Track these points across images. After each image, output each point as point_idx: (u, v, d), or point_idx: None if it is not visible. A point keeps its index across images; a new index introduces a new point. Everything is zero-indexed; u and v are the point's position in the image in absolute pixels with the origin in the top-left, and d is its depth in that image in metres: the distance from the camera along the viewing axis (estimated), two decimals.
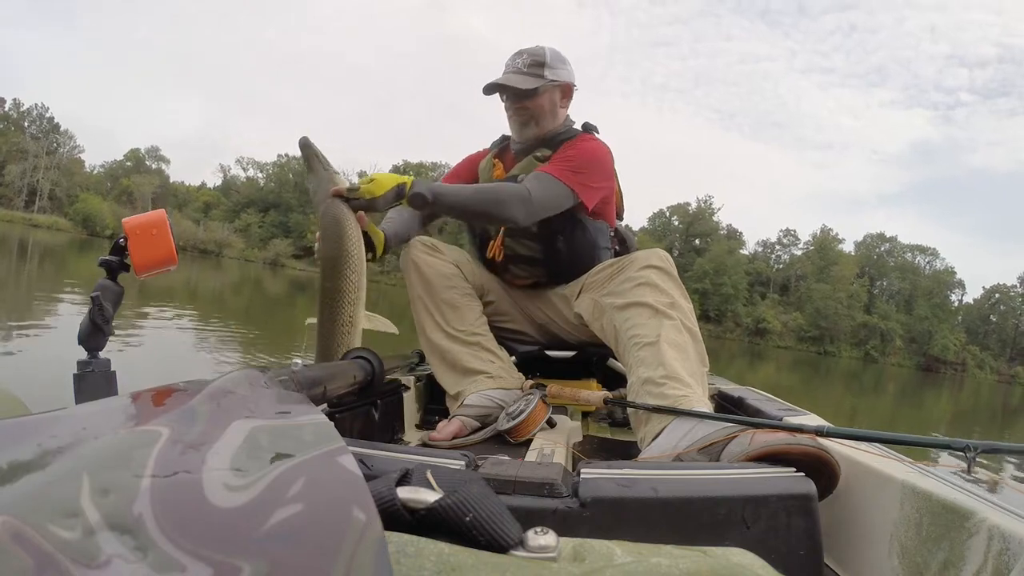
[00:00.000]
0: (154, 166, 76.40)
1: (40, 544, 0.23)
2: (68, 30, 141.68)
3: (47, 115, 73.06)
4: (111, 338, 1.21)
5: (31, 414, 0.42)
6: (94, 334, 1.21)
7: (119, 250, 1.25)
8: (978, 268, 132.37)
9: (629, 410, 1.53)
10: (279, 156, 76.41)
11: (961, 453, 0.92)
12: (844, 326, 69.76)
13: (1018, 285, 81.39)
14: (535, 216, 1.78)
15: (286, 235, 67.91)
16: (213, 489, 0.30)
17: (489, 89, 1.93)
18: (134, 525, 0.26)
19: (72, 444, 0.34)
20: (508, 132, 2.07)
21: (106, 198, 65.28)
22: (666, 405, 1.36)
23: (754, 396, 1.80)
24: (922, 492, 0.95)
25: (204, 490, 0.30)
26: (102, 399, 0.46)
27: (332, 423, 0.46)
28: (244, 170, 78.11)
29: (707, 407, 1.38)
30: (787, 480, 0.95)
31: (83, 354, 1.17)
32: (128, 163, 76.02)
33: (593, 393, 1.78)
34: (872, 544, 1.06)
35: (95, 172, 78.13)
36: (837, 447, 1.15)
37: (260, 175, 76.74)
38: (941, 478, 0.99)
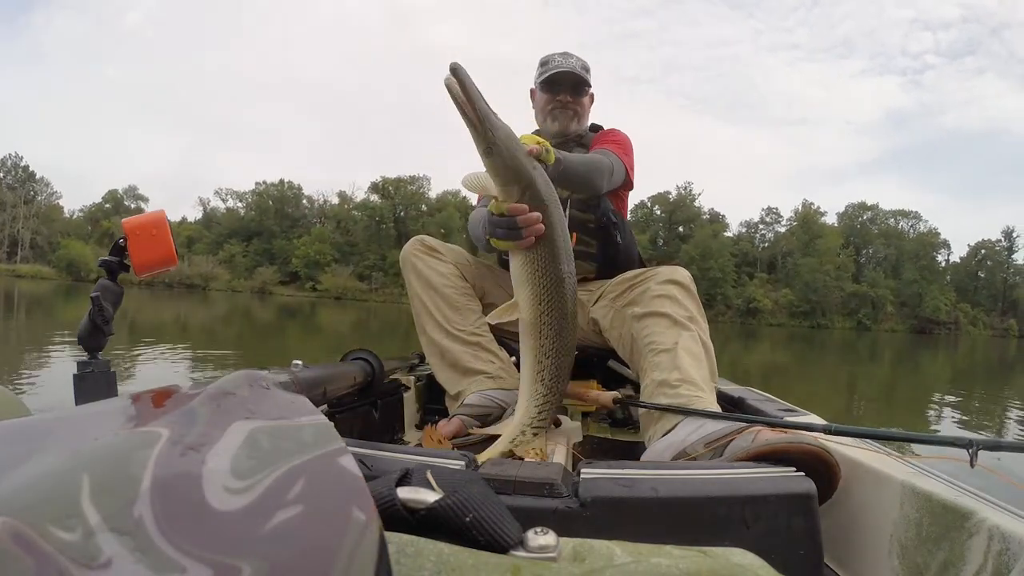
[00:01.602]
0: (133, 206, 75.57)
1: (40, 545, 0.24)
2: (37, 76, 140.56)
3: (22, 164, 73.09)
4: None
5: (31, 415, 0.41)
6: (94, 334, 1.20)
7: (119, 250, 1.24)
8: (961, 226, 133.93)
9: (640, 410, 1.54)
10: (257, 184, 76.53)
11: (964, 449, 0.92)
12: (834, 297, 69.98)
13: (1003, 239, 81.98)
14: (610, 187, 1.92)
15: (271, 262, 67.73)
16: (213, 491, 0.31)
17: (554, 79, 2.07)
18: (134, 526, 0.26)
19: (72, 445, 0.34)
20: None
21: (88, 242, 64.79)
22: (677, 404, 1.39)
23: (754, 396, 1.80)
24: (922, 492, 0.95)
25: (204, 492, 0.30)
26: (102, 400, 0.46)
27: (332, 424, 0.46)
28: (223, 201, 77.96)
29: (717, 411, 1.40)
30: (787, 480, 0.95)
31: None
32: (107, 205, 75.50)
33: (603, 393, 1.77)
34: (872, 544, 1.06)
35: (75, 217, 78.16)
36: (838, 447, 1.15)
37: (240, 204, 76.59)
38: (941, 478, 0.99)
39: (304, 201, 76.49)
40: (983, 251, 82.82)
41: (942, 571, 0.88)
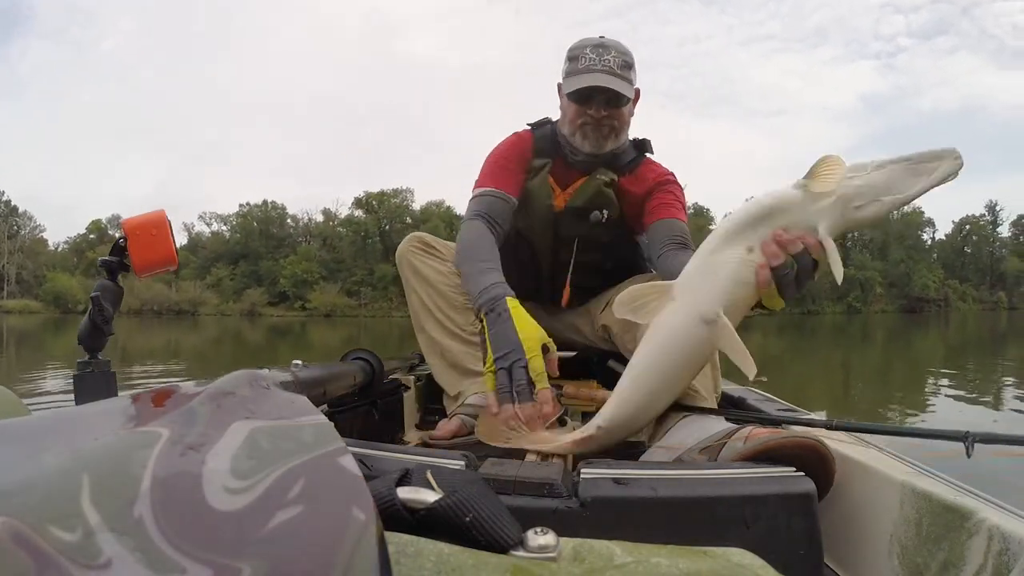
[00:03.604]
0: (117, 235, 74.81)
1: (40, 545, 0.24)
2: (14, 108, 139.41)
3: (3, 198, 72.67)
4: None
5: (31, 415, 0.41)
6: (94, 334, 1.21)
7: (119, 250, 1.25)
8: (945, 204, 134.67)
9: None
10: (241, 206, 76.08)
11: (960, 442, 0.94)
12: (823, 283, 69.93)
13: (987, 213, 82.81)
14: None
15: (259, 284, 67.42)
16: (213, 491, 0.31)
17: (585, 92, 1.74)
18: (134, 527, 0.26)
19: (72, 445, 0.33)
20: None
21: (74, 274, 64.48)
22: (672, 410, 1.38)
23: (754, 396, 1.80)
24: (922, 492, 0.95)
25: (204, 492, 0.30)
26: (102, 400, 0.46)
27: (332, 423, 0.46)
28: (208, 225, 77.44)
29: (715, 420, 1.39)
30: (786, 479, 0.95)
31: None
32: (91, 235, 74.94)
33: (599, 392, 1.77)
34: (872, 544, 1.06)
35: (60, 249, 77.86)
36: (837, 446, 1.15)
37: (225, 228, 76.29)
38: (941, 478, 0.99)
39: (288, 220, 76.23)
40: (968, 227, 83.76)
41: (942, 571, 0.89)
